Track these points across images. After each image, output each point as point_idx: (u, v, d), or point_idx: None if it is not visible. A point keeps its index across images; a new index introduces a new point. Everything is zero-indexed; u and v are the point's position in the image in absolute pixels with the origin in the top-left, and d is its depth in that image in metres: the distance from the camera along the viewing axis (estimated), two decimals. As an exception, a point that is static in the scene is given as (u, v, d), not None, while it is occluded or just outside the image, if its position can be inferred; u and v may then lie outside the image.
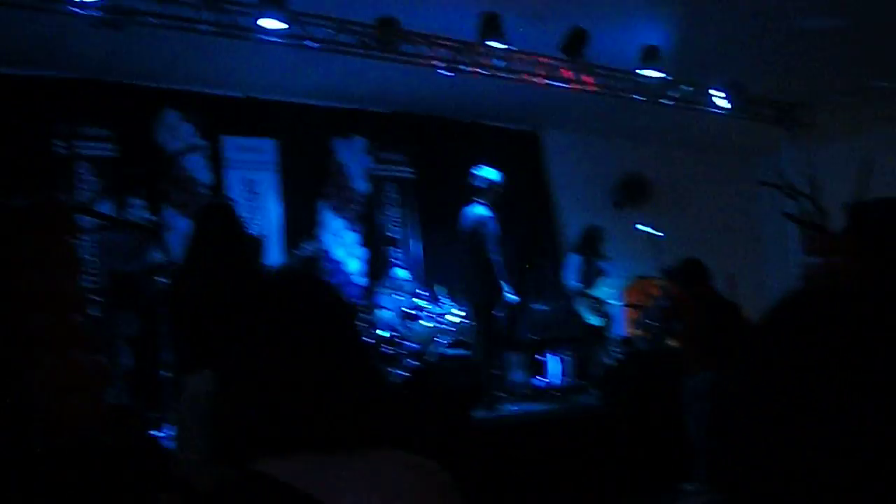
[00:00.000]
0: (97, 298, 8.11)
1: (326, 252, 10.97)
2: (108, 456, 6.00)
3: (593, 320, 10.36)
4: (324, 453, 1.48)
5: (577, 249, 10.57)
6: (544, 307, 10.87)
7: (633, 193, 13.89)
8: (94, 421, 5.55)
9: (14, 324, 5.30)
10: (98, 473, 5.81)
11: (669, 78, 10.52)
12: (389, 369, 8.96)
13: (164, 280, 7.90)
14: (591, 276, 10.40)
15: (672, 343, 12.14)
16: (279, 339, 1.54)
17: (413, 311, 9.98)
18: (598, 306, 10.34)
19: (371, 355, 1.60)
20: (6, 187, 5.75)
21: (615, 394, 9.13)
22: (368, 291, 11.04)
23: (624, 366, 9.62)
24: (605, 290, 10.42)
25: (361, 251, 11.37)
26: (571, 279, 10.48)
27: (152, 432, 6.60)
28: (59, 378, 5.37)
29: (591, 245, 10.49)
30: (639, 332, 12.21)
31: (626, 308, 12.13)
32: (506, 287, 9.10)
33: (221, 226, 4.73)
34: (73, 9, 7.70)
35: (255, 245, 8.20)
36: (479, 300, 9.15)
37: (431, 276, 11.55)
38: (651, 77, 10.16)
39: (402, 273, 11.00)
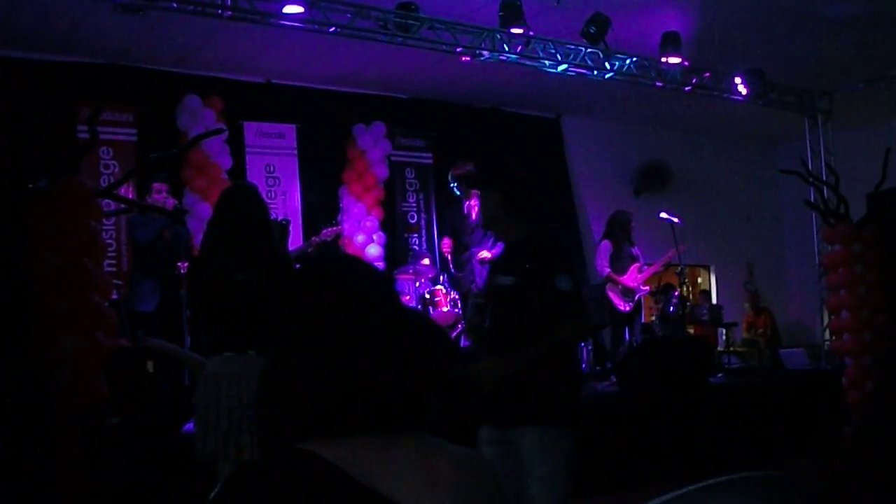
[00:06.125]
0: (118, 282, 8.17)
1: (347, 237, 11.00)
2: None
3: (623, 306, 10.28)
4: (373, 436, 1.48)
5: (607, 235, 10.47)
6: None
7: (653, 180, 13.85)
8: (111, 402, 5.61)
9: (37, 305, 5.35)
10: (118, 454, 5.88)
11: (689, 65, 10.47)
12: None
13: (183, 262, 7.99)
14: (621, 261, 10.32)
15: (691, 331, 12.16)
16: (329, 318, 1.54)
17: (432, 297, 9.99)
18: (629, 292, 10.27)
19: (420, 338, 1.60)
20: (30, 170, 5.78)
21: (632, 381, 9.10)
22: (388, 277, 11.08)
23: (642, 353, 9.58)
24: (634, 276, 10.32)
25: (381, 237, 11.40)
26: (602, 265, 10.38)
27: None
28: (82, 359, 5.42)
29: (620, 230, 10.39)
30: (658, 319, 12.21)
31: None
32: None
33: (246, 208, 4.72)
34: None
35: (279, 229, 8.26)
36: None
37: (450, 262, 11.56)
38: (672, 64, 10.12)
39: (421, 259, 11.01)
